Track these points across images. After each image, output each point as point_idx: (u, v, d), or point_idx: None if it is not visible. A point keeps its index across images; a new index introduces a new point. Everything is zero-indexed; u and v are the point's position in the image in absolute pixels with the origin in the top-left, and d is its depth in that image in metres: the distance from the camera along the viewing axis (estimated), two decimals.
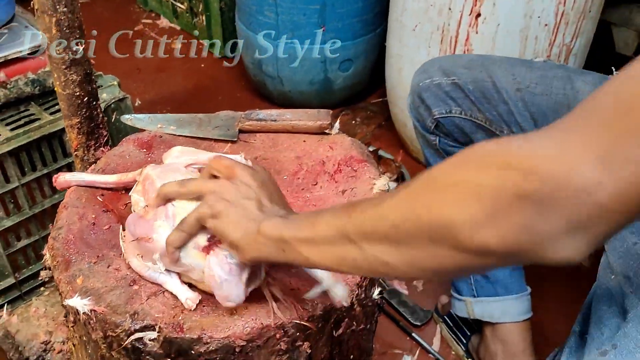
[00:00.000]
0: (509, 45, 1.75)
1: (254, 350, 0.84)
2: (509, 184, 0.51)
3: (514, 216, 0.51)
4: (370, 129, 2.39)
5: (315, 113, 1.16)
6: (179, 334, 0.81)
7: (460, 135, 1.29)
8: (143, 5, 3.21)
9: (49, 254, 0.93)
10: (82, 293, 0.85)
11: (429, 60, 1.35)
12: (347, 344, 0.97)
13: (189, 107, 2.50)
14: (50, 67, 1.08)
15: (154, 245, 0.83)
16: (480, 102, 1.22)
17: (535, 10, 1.70)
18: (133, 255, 0.88)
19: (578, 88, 1.15)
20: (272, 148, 1.15)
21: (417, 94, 1.31)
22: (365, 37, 2.30)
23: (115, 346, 0.84)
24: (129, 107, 1.60)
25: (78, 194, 1.03)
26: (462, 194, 0.54)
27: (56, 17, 1.01)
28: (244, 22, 2.34)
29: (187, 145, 1.15)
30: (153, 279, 0.87)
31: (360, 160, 1.10)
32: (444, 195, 0.55)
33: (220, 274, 0.79)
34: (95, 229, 0.97)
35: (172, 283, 0.85)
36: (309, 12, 2.17)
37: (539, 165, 0.50)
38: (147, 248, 0.84)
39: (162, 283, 0.86)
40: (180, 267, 0.84)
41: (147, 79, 2.68)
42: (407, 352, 1.59)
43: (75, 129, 1.15)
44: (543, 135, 0.54)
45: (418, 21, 1.86)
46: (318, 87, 2.37)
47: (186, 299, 0.84)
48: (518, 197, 0.50)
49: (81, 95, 1.11)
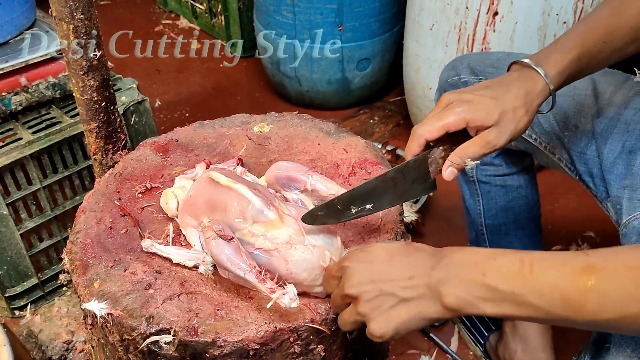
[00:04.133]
0: (527, 44, 1.74)
1: (268, 353, 0.84)
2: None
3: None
4: (388, 128, 2.39)
5: None
6: (194, 338, 0.82)
7: None
8: (163, 6, 3.24)
9: (67, 258, 0.94)
10: (99, 297, 0.86)
11: (458, 57, 1.36)
12: (362, 347, 0.97)
13: (209, 107, 2.52)
14: (69, 72, 1.10)
15: (293, 278, 0.86)
16: None
17: (554, 7, 1.68)
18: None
19: (600, 89, 1.14)
20: (287, 151, 1.15)
21: (444, 90, 1.32)
22: (382, 36, 2.29)
23: (131, 349, 0.85)
24: (147, 109, 1.62)
25: (96, 199, 1.04)
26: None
27: (73, 24, 1.03)
28: (262, 22, 2.35)
29: (204, 149, 1.16)
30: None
31: (374, 163, 1.10)
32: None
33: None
34: (112, 233, 0.98)
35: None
36: (326, 12, 2.17)
37: None
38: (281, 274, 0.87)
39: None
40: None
41: (167, 79, 2.71)
42: (425, 352, 1.59)
43: (94, 133, 1.16)
44: None
45: (435, 20, 1.85)
46: (336, 87, 2.37)
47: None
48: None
49: (99, 100, 1.13)
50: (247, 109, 1.21)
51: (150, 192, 1.07)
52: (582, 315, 0.67)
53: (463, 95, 0.90)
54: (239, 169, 1.06)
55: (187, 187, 1.01)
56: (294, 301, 0.80)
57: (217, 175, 0.93)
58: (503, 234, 1.44)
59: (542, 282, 0.68)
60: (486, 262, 0.72)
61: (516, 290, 0.69)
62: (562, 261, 0.69)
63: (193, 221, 0.95)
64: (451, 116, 0.88)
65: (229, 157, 1.14)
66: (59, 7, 1.02)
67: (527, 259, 0.70)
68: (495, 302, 0.71)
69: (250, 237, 0.88)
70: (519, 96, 0.90)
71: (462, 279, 0.73)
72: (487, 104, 0.88)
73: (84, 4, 1.02)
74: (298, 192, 0.97)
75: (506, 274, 0.71)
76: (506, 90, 0.90)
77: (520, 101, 0.90)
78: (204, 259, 0.91)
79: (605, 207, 1.08)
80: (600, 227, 1.88)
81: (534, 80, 0.91)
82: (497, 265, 0.71)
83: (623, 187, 1.02)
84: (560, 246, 1.83)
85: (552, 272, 0.69)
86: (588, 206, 1.94)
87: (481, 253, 0.74)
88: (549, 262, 0.70)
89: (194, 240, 0.95)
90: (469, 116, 0.88)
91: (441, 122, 0.89)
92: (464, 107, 0.88)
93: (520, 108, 0.90)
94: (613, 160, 1.06)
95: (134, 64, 2.74)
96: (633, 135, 1.04)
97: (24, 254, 1.53)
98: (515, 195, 1.40)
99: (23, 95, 1.47)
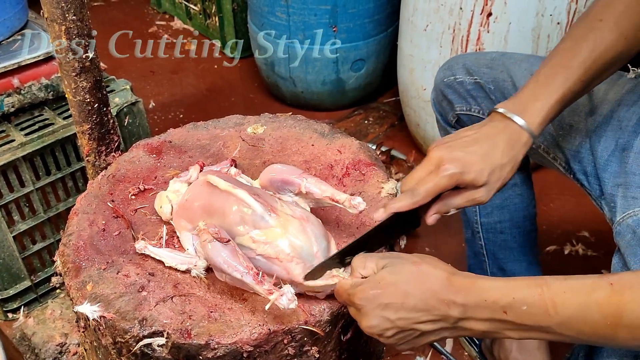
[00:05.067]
0: (521, 44, 1.74)
1: (262, 355, 0.84)
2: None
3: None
4: (383, 129, 2.38)
5: None
6: (187, 340, 0.81)
7: None
8: (157, 7, 3.23)
9: (60, 261, 0.94)
10: (91, 299, 0.86)
11: (453, 57, 1.36)
12: (356, 348, 0.97)
13: (203, 108, 2.51)
14: (61, 74, 1.10)
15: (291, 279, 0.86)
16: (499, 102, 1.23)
17: (547, 8, 1.68)
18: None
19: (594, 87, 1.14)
20: (281, 152, 1.15)
21: (440, 89, 1.33)
22: (376, 37, 2.29)
23: (124, 352, 0.85)
24: (141, 110, 1.61)
25: (89, 201, 1.04)
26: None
27: (65, 25, 1.02)
28: (256, 23, 2.35)
29: (197, 151, 1.16)
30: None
31: (368, 164, 1.10)
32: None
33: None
34: (105, 235, 0.98)
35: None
36: (320, 13, 2.17)
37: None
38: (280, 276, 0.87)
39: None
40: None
41: (161, 80, 2.70)
42: (420, 353, 1.59)
43: (87, 135, 1.16)
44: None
45: (429, 21, 1.85)
46: (330, 88, 2.37)
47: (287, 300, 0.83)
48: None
49: (91, 101, 1.12)
50: (241, 110, 1.21)
51: (143, 193, 1.07)
52: (613, 343, 0.71)
53: (453, 153, 0.92)
54: (232, 170, 1.06)
55: (181, 191, 1.01)
56: (292, 302, 0.80)
57: (215, 180, 0.93)
58: (498, 232, 1.44)
59: (568, 318, 0.72)
60: (504, 300, 0.75)
61: (542, 324, 0.73)
62: (585, 294, 0.72)
63: (188, 225, 0.95)
64: (443, 180, 0.90)
65: (223, 158, 1.13)
66: (50, 8, 1.02)
67: (548, 295, 0.73)
68: (522, 331, 0.75)
69: (252, 243, 0.87)
70: (505, 152, 0.93)
71: (483, 317, 0.76)
72: (477, 163, 0.91)
73: (76, 5, 1.02)
74: (292, 194, 0.97)
75: (529, 312, 0.73)
76: (493, 146, 0.93)
77: (506, 157, 0.93)
78: (197, 263, 0.91)
79: (600, 206, 1.08)
80: (595, 228, 1.88)
81: (518, 133, 0.95)
82: (517, 303, 0.74)
83: (617, 185, 1.02)
84: (555, 246, 1.84)
85: (577, 307, 0.71)
86: (583, 206, 1.94)
87: (496, 289, 0.76)
88: (572, 296, 0.72)
89: (188, 245, 0.94)
90: (461, 179, 0.91)
91: (435, 188, 0.91)
92: (456, 169, 0.90)
93: (507, 165, 0.94)
94: (607, 158, 1.06)
95: (128, 65, 2.73)
96: (626, 132, 1.04)
97: (17, 256, 1.53)
98: (511, 193, 1.40)
99: (15, 97, 1.46)
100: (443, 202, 0.94)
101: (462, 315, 0.77)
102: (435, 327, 0.79)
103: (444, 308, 0.77)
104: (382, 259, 0.83)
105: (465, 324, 0.77)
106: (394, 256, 0.84)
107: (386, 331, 0.79)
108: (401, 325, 0.78)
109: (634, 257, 0.88)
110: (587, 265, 1.79)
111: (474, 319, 0.77)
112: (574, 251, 1.83)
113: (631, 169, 1.01)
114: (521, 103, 0.96)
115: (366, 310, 0.79)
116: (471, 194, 0.93)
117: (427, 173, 0.92)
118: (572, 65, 0.95)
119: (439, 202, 0.94)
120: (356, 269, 0.84)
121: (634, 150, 1.01)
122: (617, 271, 0.94)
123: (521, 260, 1.45)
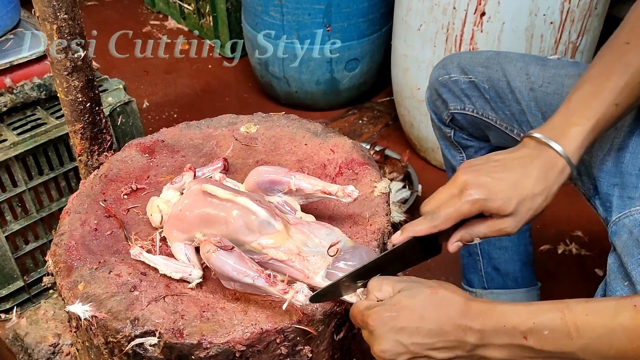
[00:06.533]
0: (514, 44, 1.74)
1: (255, 355, 0.84)
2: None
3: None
4: (377, 128, 2.39)
5: None
6: (179, 340, 0.81)
7: (474, 130, 1.32)
8: (151, 7, 3.23)
9: (51, 260, 0.93)
10: (83, 299, 0.86)
11: (448, 56, 1.36)
12: (349, 347, 0.97)
13: (197, 108, 2.51)
14: (53, 73, 1.09)
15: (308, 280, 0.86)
16: (494, 101, 1.23)
17: (541, 8, 1.69)
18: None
19: None
20: (274, 151, 1.15)
21: (434, 88, 1.33)
22: (370, 36, 2.29)
23: (116, 352, 0.84)
24: (134, 110, 1.61)
25: (81, 200, 1.03)
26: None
27: (57, 24, 1.02)
28: (250, 23, 2.34)
29: (190, 150, 1.16)
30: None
31: (361, 163, 1.10)
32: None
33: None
34: (97, 234, 0.97)
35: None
36: (314, 12, 2.17)
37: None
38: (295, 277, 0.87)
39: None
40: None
41: (155, 80, 2.69)
42: None
43: (79, 134, 1.16)
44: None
45: (423, 21, 1.85)
46: (324, 87, 2.37)
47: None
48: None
49: (84, 101, 1.12)
50: (235, 110, 1.20)
51: (135, 193, 1.06)
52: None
53: (480, 178, 0.86)
54: (217, 175, 1.05)
55: (172, 201, 0.99)
56: (308, 298, 0.80)
57: (213, 189, 0.91)
58: None
59: (592, 342, 0.70)
60: (525, 325, 0.72)
61: (565, 350, 0.71)
62: (609, 316, 0.70)
63: (181, 235, 0.93)
64: (465, 205, 0.85)
65: (215, 157, 1.13)
66: (42, 7, 1.01)
67: (570, 318, 0.71)
68: (543, 358, 0.73)
69: (262, 250, 0.87)
70: (538, 181, 0.87)
71: (502, 343, 0.74)
72: (505, 191, 0.85)
73: (68, 4, 1.01)
74: (281, 194, 0.96)
75: (550, 337, 0.71)
76: (525, 175, 0.87)
77: (539, 187, 0.87)
78: (191, 272, 0.90)
79: (594, 205, 1.08)
80: (589, 227, 1.89)
81: (553, 160, 0.88)
82: (538, 328, 0.72)
83: (613, 185, 1.02)
84: (549, 245, 1.84)
85: (602, 331, 0.70)
86: (576, 206, 1.94)
87: (515, 314, 0.73)
88: (595, 319, 0.71)
89: (180, 255, 0.93)
90: (485, 206, 0.85)
91: (456, 213, 0.86)
92: (480, 195, 0.85)
93: (539, 195, 0.88)
94: (602, 157, 1.06)
95: (122, 64, 2.72)
96: (622, 132, 1.05)
97: (10, 256, 1.52)
98: None
99: (8, 97, 1.45)
100: (466, 230, 0.89)
101: (479, 341, 0.74)
102: (450, 354, 0.76)
103: (460, 334, 0.74)
104: (398, 282, 0.80)
105: (482, 351, 0.75)
106: (411, 280, 0.81)
107: (399, 356, 0.76)
108: (415, 351, 0.76)
109: (630, 258, 0.88)
110: (581, 264, 1.80)
111: (491, 345, 0.74)
112: (568, 250, 1.84)
113: (627, 169, 1.01)
114: (556, 129, 0.90)
115: (379, 333, 0.77)
116: (497, 224, 0.87)
117: (450, 196, 0.86)
118: (604, 90, 0.90)
119: (462, 229, 0.89)
120: (372, 291, 0.81)
121: (629, 150, 1.01)
122: (612, 271, 0.95)
123: (515, 259, 1.46)
